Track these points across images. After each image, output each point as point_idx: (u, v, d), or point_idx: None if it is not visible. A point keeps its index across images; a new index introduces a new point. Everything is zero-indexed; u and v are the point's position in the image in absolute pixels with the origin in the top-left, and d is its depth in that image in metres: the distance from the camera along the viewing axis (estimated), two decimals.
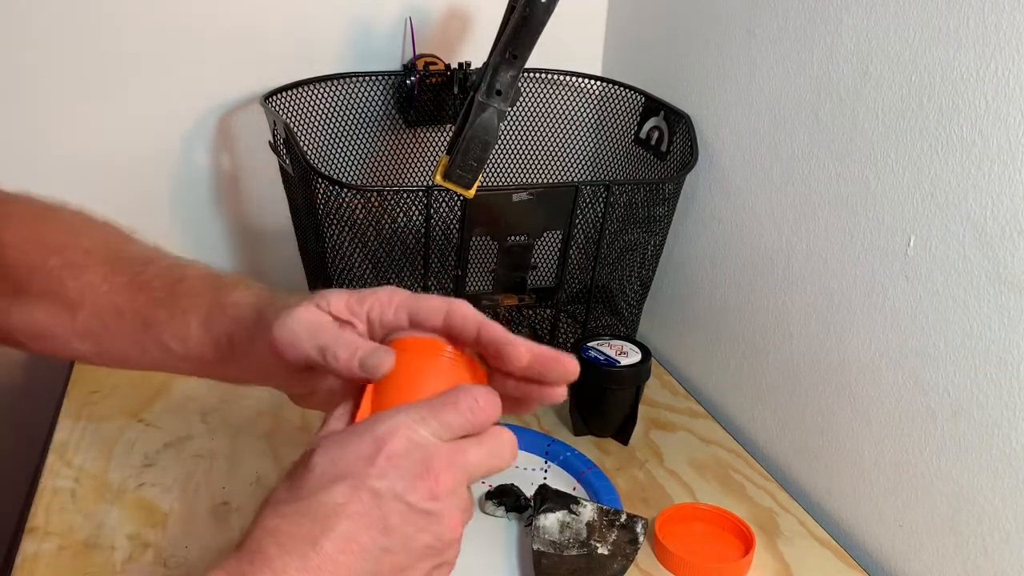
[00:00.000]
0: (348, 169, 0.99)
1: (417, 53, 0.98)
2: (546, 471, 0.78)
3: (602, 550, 0.65)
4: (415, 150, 1.04)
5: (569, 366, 0.50)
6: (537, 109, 1.04)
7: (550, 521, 0.67)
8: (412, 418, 0.45)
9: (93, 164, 0.96)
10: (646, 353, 0.82)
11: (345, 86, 0.96)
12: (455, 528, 0.46)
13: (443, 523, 0.45)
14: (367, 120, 0.99)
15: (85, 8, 0.90)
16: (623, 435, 0.83)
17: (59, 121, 0.93)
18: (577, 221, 0.83)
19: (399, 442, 0.44)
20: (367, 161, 1.01)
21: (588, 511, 0.68)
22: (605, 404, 0.82)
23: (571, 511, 0.68)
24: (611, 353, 0.81)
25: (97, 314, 0.59)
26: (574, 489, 0.75)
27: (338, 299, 0.52)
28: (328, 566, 0.43)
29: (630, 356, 0.81)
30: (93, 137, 0.95)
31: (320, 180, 0.76)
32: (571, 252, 0.85)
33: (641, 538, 0.67)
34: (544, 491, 0.70)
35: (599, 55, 1.10)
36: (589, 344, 0.83)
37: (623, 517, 0.68)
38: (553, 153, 1.06)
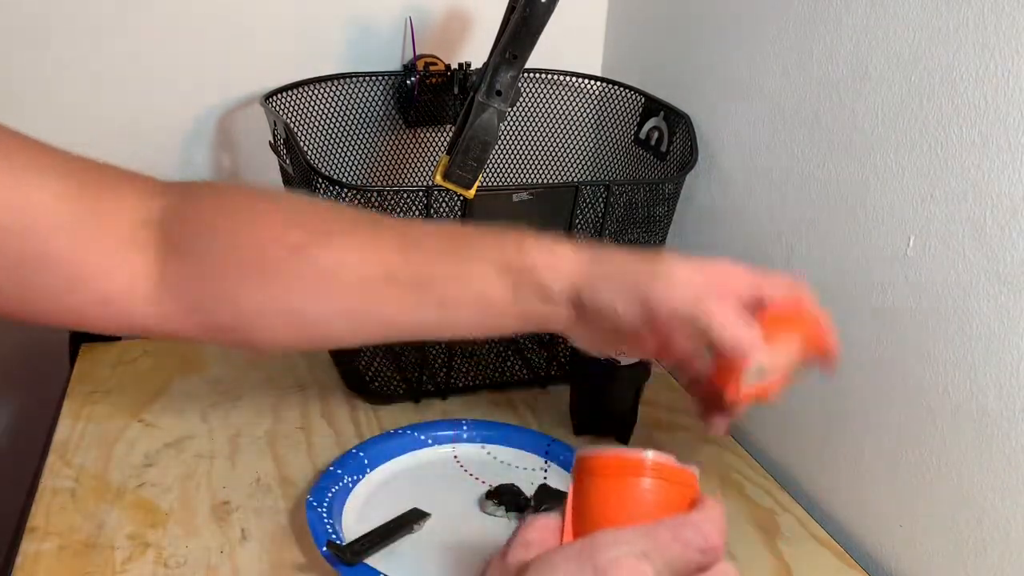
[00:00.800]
0: (348, 169, 0.99)
1: (417, 53, 0.98)
2: (546, 471, 0.78)
3: None
4: (415, 150, 1.04)
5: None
6: (537, 109, 1.04)
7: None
8: (635, 551, 0.39)
9: None
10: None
11: (345, 86, 0.96)
12: None
13: None
14: (367, 120, 0.99)
15: (85, 9, 0.90)
16: (623, 434, 0.83)
17: (59, 121, 0.93)
18: (577, 221, 0.83)
19: None
20: (367, 161, 1.01)
21: None
22: (606, 403, 0.82)
23: None
24: (612, 353, 0.81)
25: (364, 280, 0.55)
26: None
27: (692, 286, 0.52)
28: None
29: (630, 356, 0.81)
30: (93, 137, 0.95)
31: (320, 180, 0.76)
32: None
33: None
34: (544, 491, 0.70)
35: (599, 55, 1.10)
36: None
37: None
38: (553, 153, 1.06)
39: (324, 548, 0.64)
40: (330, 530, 0.66)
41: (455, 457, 0.79)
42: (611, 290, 0.53)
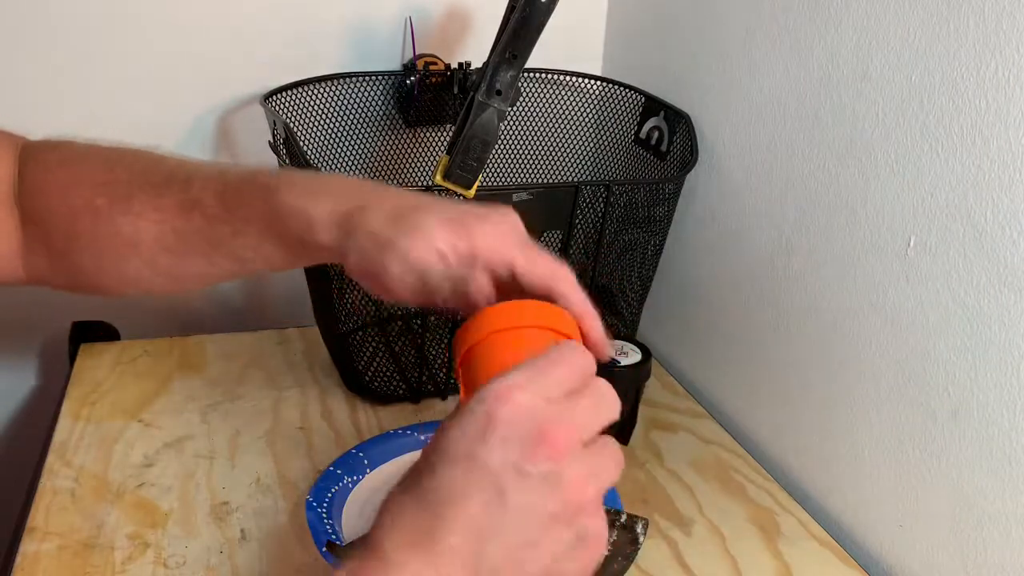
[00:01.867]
0: (348, 169, 0.99)
1: (417, 53, 0.98)
2: None
3: None
4: (415, 150, 1.04)
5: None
6: (537, 109, 1.04)
7: None
8: (518, 382, 0.42)
9: None
10: (646, 353, 0.82)
11: (345, 86, 0.96)
12: (581, 490, 0.42)
13: (566, 486, 0.41)
14: (367, 120, 0.99)
15: (85, 8, 0.90)
16: (623, 435, 0.83)
17: (59, 121, 0.93)
18: (577, 221, 0.83)
19: (508, 411, 0.41)
20: (367, 161, 1.01)
21: None
22: None
23: None
24: (611, 353, 0.81)
25: (160, 243, 0.59)
26: None
27: (443, 241, 0.51)
28: (449, 556, 0.40)
29: (630, 356, 0.81)
30: (93, 137, 0.95)
31: None
32: (571, 252, 0.85)
33: (642, 539, 0.66)
34: None
35: (599, 55, 1.10)
36: None
37: (623, 518, 0.68)
38: (553, 153, 1.06)
39: (324, 548, 0.64)
40: (330, 530, 0.66)
41: None
42: (368, 258, 0.52)
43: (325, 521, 0.67)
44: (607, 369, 0.78)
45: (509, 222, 0.53)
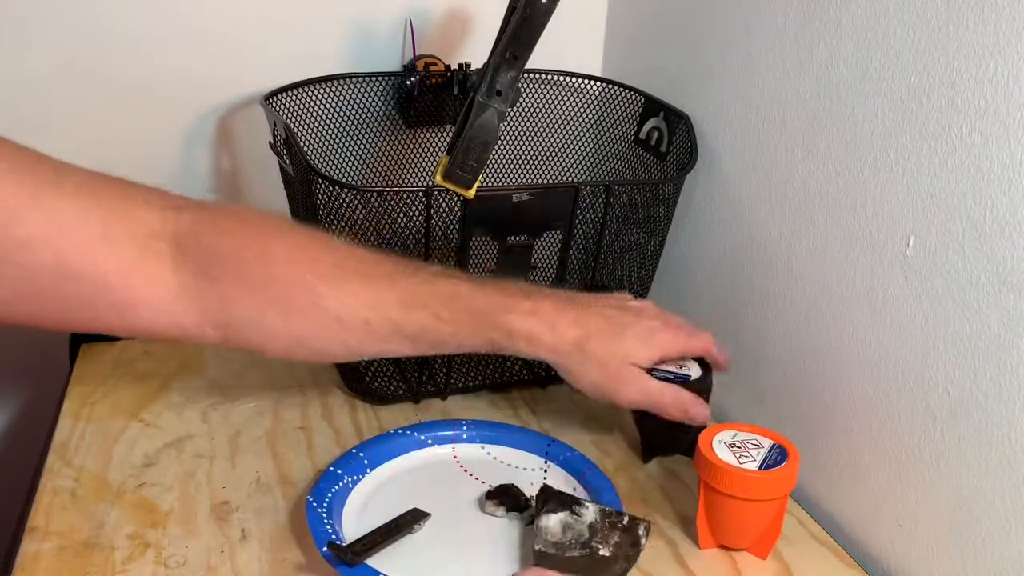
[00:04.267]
0: (348, 169, 0.99)
1: (417, 54, 0.98)
2: (546, 471, 0.78)
3: (604, 552, 0.65)
4: (415, 150, 1.04)
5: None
6: (537, 109, 1.04)
7: (552, 522, 0.67)
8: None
9: (92, 164, 0.96)
10: (704, 364, 0.77)
11: (345, 86, 0.96)
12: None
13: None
14: (367, 120, 0.99)
15: (85, 8, 0.90)
16: (691, 449, 0.74)
17: (58, 121, 0.93)
18: (577, 221, 0.83)
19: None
20: (367, 161, 1.01)
21: (590, 512, 0.68)
22: (682, 423, 0.76)
23: (573, 512, 0.68)
24: (676, 369, 0.76)
25: (367, 327, 0.65)
26: (574, 489, 0.75)
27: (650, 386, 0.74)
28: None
29: (690, 367, 0.77)
30: (92, 137, 0.95)
31: (320, 180, 0.76)
32: (571, 252, 0.85)
33: (643, 541, 0.66)
34: (547, 491, 0.70)
35: (599, 55, 1.10)
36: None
37: (626, 519, 0.68)
38: (553, 153, 1.06)
39: (324, 549, 0.64)
40: (330, 530, 0.66)
41: (455, 457, 0.79)
42: (583, 384, 0.73)
43: (325, 522, 0.67)
44: (679, 383, 0.76)
45: (660, 319, 0.76)
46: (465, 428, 0.80)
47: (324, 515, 0.68)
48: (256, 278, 0.63)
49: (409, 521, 0.69)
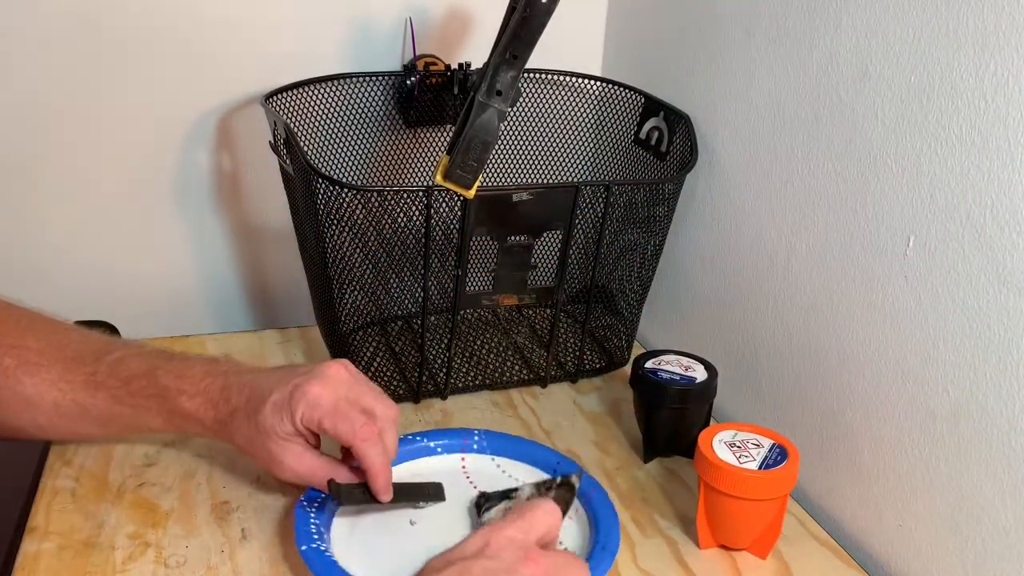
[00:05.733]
0: (348, 169, 0.99)
1: (417, 53, 0.98)
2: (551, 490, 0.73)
3: None
4: (415, 150, 1.04)
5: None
6: (537, 109, 1.04)
7: (493, 512, 0.69)
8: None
9: (92, 164, 0.96)
10: (710, 368, 0.79)
11: (345, 86, 0.96)
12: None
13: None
14: (367, 120, 0.99)
15: (85, 8, 0.90)
16: (692, 450, 0.75)
17: (58, 121, 0.93)
18: (577, 221, 0.83)
19: (502, 537, 0.55)
20: (367, 161, 1.01)
21: (527, 490, 0.70)
22: (687, 425, 0.79)
23: (510, 498, 0.69)
24: (682, 371, 0.78)
25: (58, 410, 0.69)
26: (577, 511, 0.72)
27: (293, 424, 0.67)
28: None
29: (696, 370, 0.79)
30: (92, 138, 0.95)
31: (320, 180, 0.76)
32: (571, 252, 0.85)
33: (577, 482, 0.68)
34: (483, 496, 0.71)
35: (599, 55, 1.10)
36: (651, 364, 0.79)
37: (559, 479, 0.69)
38: (553, 153, 1.06)
39: (303, 548, 0.63)
40: (313, 530, 0.65)
41: (463, 467, 0.77)
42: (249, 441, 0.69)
43: (311, 520, 0.66)
44: (684, 391, 0.77)
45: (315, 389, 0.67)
46: (476, 438, 0.78)
47: (312, 514, 0.67)
48: None
49: (423, 493, 0.70)
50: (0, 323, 0.71)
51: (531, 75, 1.02)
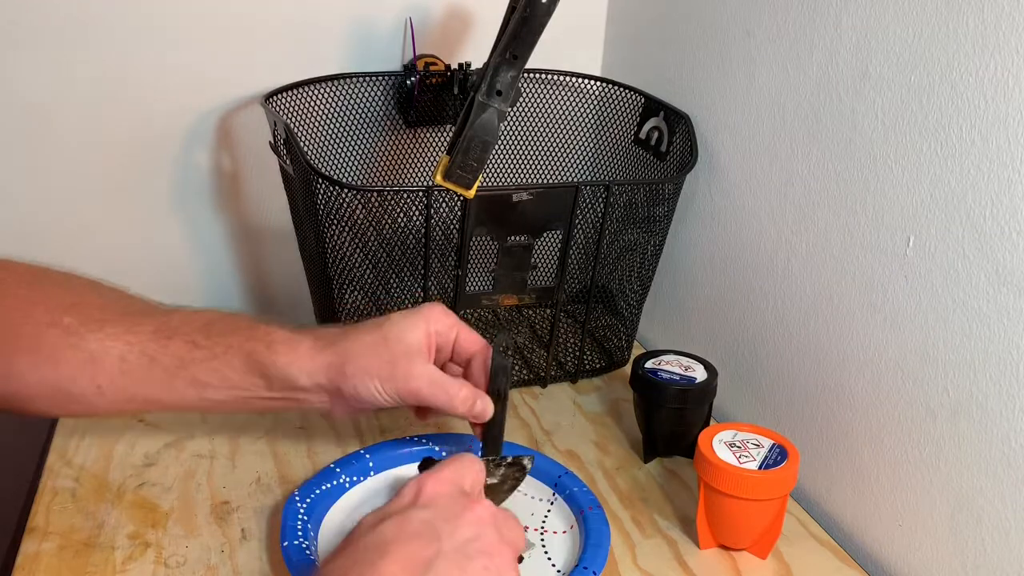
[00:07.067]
0: (348, 169, 0.99)
1: (417, 53, 0.98)
2: (552, 502, 0.73)
3: (491, 480, 0.66)
4: (415, 150, 1.04)
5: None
6: (537, 109, 1.04)
7: None
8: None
9: (92, 164, 0.96)
10: (710, 368, 0.79)
11: (345, 86, 0.96)
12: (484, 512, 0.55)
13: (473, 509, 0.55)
14: (367, 120, 0.99)
15: (84, 8, 0.90)
16: (691, 450, 0.76)
17: (58, 121, 0.93)
18: (577, 221, 0.83)
19: (434, 485, 0.55)
20: (367, 161, 1.01)
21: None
22: (687, 425, 0.79)
23: None
24: (681, 371, 0.79)
25: (123, 365, 0.63)
26: (572, 527, 0.70)
27: (427, 341, 0.67)
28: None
29: (696, 370, 0.79)
30: (94, 138, 0.95)
31: (320, 180, 0.76)
32: (571, 252, 0.85)
33: (529, 464, 0.68)
34: (426, 461, 0.72)
35: (599, 55, 1.10)
36: (651, 364, 0.79)
37: (509, 459, 0.69)
38: (553, 153, 1.06)
39: (284, 543, 0.63)
40: (299, 527, 0.65)
41: None
42: (366, 384, 0.64)
43: (300, 516, 0.66)
44: (684, 391, 0.77)
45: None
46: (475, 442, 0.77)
47: (302, 511, 0.67)
48: (6, 326, 0.63)
49: (520, 462, 0.69)
50: (57, 285, 0.67)
51: (531, 75, 1.02)
